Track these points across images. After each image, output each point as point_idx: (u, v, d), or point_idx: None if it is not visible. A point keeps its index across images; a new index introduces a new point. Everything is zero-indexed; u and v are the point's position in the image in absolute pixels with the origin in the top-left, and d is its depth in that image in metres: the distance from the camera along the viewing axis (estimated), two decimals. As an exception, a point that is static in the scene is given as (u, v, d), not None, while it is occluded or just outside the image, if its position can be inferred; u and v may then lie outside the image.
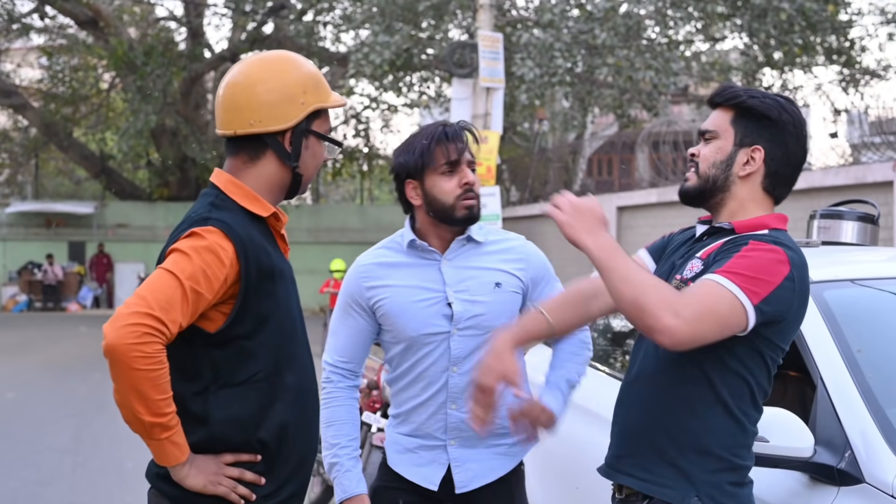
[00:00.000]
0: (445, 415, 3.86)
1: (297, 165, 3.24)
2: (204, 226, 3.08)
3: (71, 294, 35.19)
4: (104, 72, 35.88)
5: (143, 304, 2.94)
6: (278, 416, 3.16)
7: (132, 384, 2.94)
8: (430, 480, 3.89)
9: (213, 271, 3.03)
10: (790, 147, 3.25)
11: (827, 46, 23.80)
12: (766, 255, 3.03)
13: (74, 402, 14.58)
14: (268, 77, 3.22)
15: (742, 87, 3.31)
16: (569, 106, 25.52)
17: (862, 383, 3.60)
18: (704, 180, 3.29)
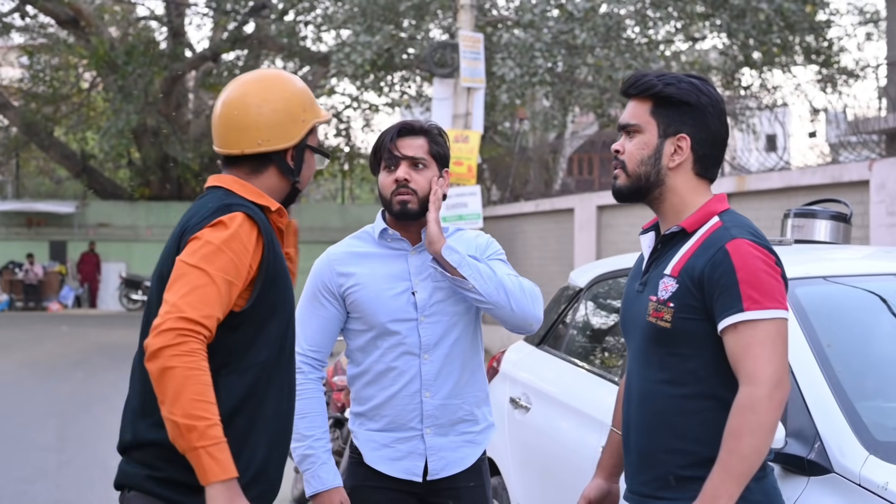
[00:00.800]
0: (420, 403, 3.94)
1: (297, 180, 3.40)
2: (229, 212, 3.17)
3: (52, 293, 35.13)
4: (85, 71, 35.86)
5: (173, 311, 3.01)
6: (273, 407, 3.24)
7: (167, 384, 2.96)
8: (411, 472, 3.96)
9: (241, 259, 3.13)
10: (713, 128, 3.27)
11: (805, 46, 23.97)
12: (756, 263, 3.08)
13: (58, 402, 14.61)
14: (271, 97, 3.35)
15: (654, 73, 3.30)
16: (549, 105, 25.62)
17: (831, 377, 3.69)
18: (636, 178, 3.29)
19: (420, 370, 3.94)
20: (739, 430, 2.99)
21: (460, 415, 4.00)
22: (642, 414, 3.29)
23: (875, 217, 12.75)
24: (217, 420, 2.98)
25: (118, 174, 41.27)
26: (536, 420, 5.59)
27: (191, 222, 3.22)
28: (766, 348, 3.02)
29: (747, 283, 3.05)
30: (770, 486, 3.22)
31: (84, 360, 19.59)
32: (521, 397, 5.74)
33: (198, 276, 3.06)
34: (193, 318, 3.00)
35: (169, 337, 2.96)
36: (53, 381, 16.71)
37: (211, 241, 3.11)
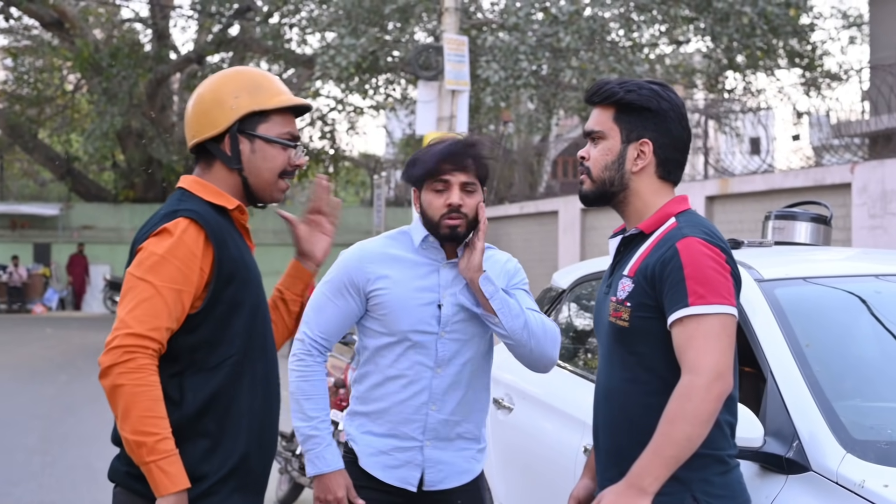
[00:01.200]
0: (426, 415, 3.93)
1: (240, 167, 3.35)
2: (173, 219, 3.20)
3: (36, 296, 35.04)
4: (69, 73, 35.81)
5: (121, 326, 3.08)
6: (247, 403, 3.26)
7: (117, 402, 3.05)
8: (407, 482, 3.96)
9: (188, 265, 3.15)
10: (674, 132, 3.36)
11: (789, 50, 24.07)
12: (704, 260, 3.16)
13: (42, 404, 14.58)
14: (206, 90, 3.40)
15: (615, 81, 3.39)
16: (534, 108, 25.67)
17: (810, 377, 3.74)
18: (600, 183, 3.39)
19: (431, 383, 3.93)
20: (674, 415, 3.08)
21: (460, 431, 4.00)
22: (608, 412, 3.39)
23: (857, 219, 12.81)
24: (167, 434, 3.06)
25: (102, 176, 41.21)
26: (519, 420, 5.62)
27: (141, 231, 3.27)
28: (709, 341, 3.10)
29: (693, 279, 3.14)
30: (734, 480, 3.28)
31: (68, 363, 19.56)
32: (504, 398, 5.77)
33: (144, 288, 3.11)
34: (140, 333, 3.06)
35: (117, 354, 3.05)
36: (37, 383, 16.67)
37: (155, 251, 3.15)
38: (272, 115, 3.38)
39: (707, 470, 3.20)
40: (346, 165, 39.57)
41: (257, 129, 3.36)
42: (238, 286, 3.25)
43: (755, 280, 4.18)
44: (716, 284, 3.14)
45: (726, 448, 3.26)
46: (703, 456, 3.17)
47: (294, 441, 8.78)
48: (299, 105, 3.44)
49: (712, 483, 3.20)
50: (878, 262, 4.93)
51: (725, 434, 3.26)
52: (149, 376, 3.05)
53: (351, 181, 41.73)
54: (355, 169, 40.86)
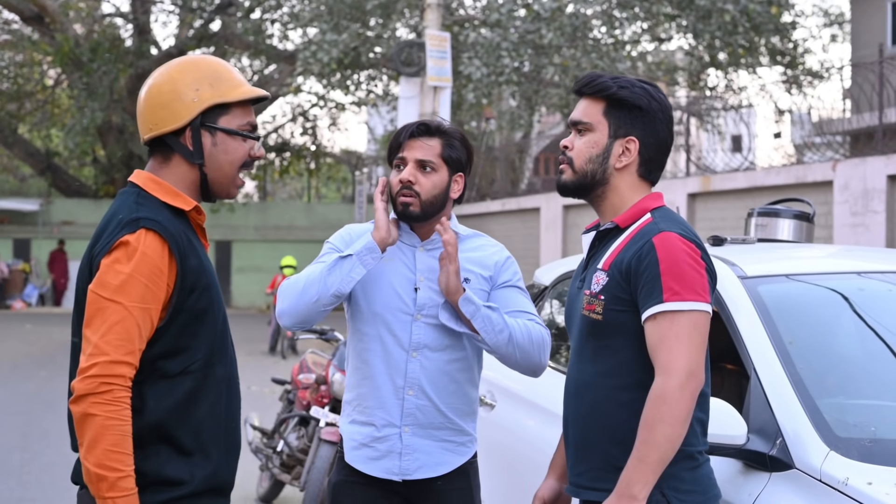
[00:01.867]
0: (402, 399, 3.91)
1: (202, 163, 3.26)
2: (135, 229, 3.10)
3: (16, 292, 34.90)
4: (50, 68, 35.65)
5: (97, 353, 3.00)
6: (209, 407, 3.20)
7: (86, 431, 2.99)
8: (390, 471, 3.93)
9: (155, 282, 3.07)
10: (661, 134, 3.37)
11: (771, 48, 24.12)
12: (680, 255, 3.16)
13: (22, 400, 14.53)
14: (162, 81, 3.27)
15: (608, 75, 3.38)
16: (516, 105, 25.68)
17: (793, 374, 3.73)
18: (582, 175, 3.39)
19: (407, 367, 3.91)
20: (652, 419, 3.09)
21: (442, 420, 3.95)
22: (578, 406, 3.39)
23: (839, 217, 12.85)
24: (130, 472, 2.99)
25: (83, 172, 41.06)
26: (501, 417, 5.60)
27: (100, 240, 3.16)
28: (682, 340, 3.11)
29: (669, 275, 3.15)
30: (703, 475, 3.28)
31: (48, 359, 19.48)
32: (487, 395, 5.75)
33: (115, 310, 3.03)
34: (117, 360, 3.00)
35: (93, 384, 2.98)
36: (17, 379, 16.61)
37: (121, 270, 3.06)
38: (232, 107, 3.28)
39: (676, 466, 3.19)
40: (328, 162, 39.52)
41: (218, 122, 3.25)
42: (199, 294, 3.18)
43: (738, 277, 4.17)
44: (691, 281, 3.14)
45: (696, 444, 3.26)
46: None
47: (274, 437, 8.76)
48: (260, 96, 3.34)
49: (682, 479, 3.21)
50: (860, 259, 4.93)
51: (695, 431, 3.26)
52: (122, 410, 2.98)
53: (332, 177, 41.66)
54: (337, 165, 40.82)
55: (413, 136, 3.93)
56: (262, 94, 3.35)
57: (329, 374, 8.08)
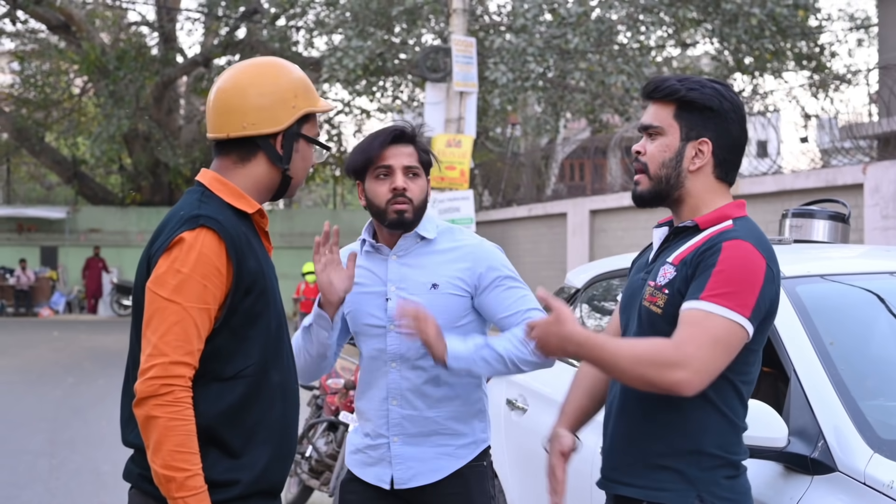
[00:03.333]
0: (387, 410, 3.91)
1: (287, 168, 3.29)
2: (194, 226, 3.10)
3: (43, 299, 35.02)
4: (76, 76, 35.78)
5: (157, 354, 3.01)
6: (263, 413, 3.19)
7: (150, 433, 3.00)
8: (380, 479, 3.95)
9: (213, 282, 3.08)
10: (734, 133, 3.29)
11: (797, 52, 23.99)
12: (741, 262, 3.07)
13: (49, 406, 14.54)
14: (260, 81, 3.27)
15: (676, 77, 3.32)
16: (541, 111, 25.63)
17: (834, 375, 3.67)
18: (657, 181, 3.31)
19: (388, 377, 3.91)
20: (641, 355, 3.01)
21: (433, 427, 3.92)
22: (625, 399, 3.31)
23: (869, 220, 12.75)
24: (197, 470, 3.01)
25: (109, 179, 41.20)
26: (533, 421, 5.55)
27: (160, 237, 3.17)
28: (708, 337, 3.00)
29: (720, 277, 3.05)
30: (741, 485, 3.21)
31: (75, 366, 19.52)
32: (518, 399, 5.70)
33: (173, 311, 3.04)
34: (176, 360, 3.00)
35: (154, 386, 2.99)
36: (45, 386, 16.63)
37: (180, 269, 3.06)
38: (312, 117, 3.35)
39: (717, 472, 3.13)
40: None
41: (303, 130, 3.32)
42: (255, 297, 3.17)
43: (776, 277, 4.11)
44: (739, 290, 3.04)
45: (738, 453, 3.20)
46: (715, 457, 3.12)
47: (302, 443, 8.73)
48: (332, 108, 3.43)
49: (720, 485, 3.14)
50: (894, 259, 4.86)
51: (741, 438, 3.20)
52: (184, 410, 3.00)
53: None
54: (362, 172, 40.83)
55: (393, 143, 3.89)
56: (334, 108, 3.42)
57: (357, 379, 8.03)
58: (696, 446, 3.13)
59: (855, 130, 16.62)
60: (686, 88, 3.27)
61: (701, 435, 3.13)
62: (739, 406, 3.18)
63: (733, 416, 3.16)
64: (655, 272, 3.29)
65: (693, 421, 3.13)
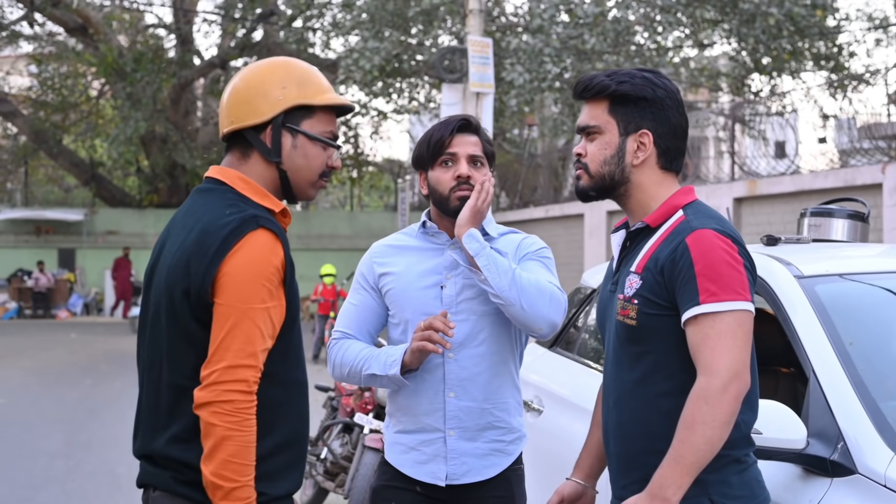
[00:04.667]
0: (444, 403, 3.83)
1: (279, 161, 3.21)
2: (255, 227, 3.05)
3: (61, 301, 35.07)
4: (94, 79, 35.84)
5: (216, 360, 2.99)
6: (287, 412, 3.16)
7: (207, 438, 2.98)
8: (436, 476, 3.86)
9: (272, 281, 3.04)
10: (673, 120, 3.25)
11: (815, 52, 23.87)
12: (714, 252, 3.04)
13: (65, 408, 14.55)
14: (249, 76, 3.25)
15: (604, 73, 3.28)
16: (558, 111, 25.57)
17: (854, 375, 3.60)
18: (599, 178, 3.27)
19: (444, 368, 3.84)
20: (692, 420, 2.97)
21: (489, 420, 3.87)
22: (618, 416, 3.27)
23: (889, 220, 12.67)
24: (246, 482, 2.99)
25: (127, 182, 41.27)
26: (549, 423, 5.51)
27: (214, 237, 3.06)
28: (724, 340, 2.99)
29: (704, 276, 3.02)
30: (752, 478, 3.16)
31: (92, 368, 19.54)
32: (534, 400, 5.66)
33: (232, 313, 3.00)
34: (236, 364, 2.97)
35: (215, 392, 2.97)
36: (61, 387, 16.64)
37: (238, 273, 3.01)
38: (317, 112, 3.25)
39: (723, 471, 3.08)
40: (370, 170, 39.53)
41: (301, 125, 3.22)
42: (290, 300, 3.15)
43: (795, 277, 4.05)
44: (728, 279, 3.02)
45: (743, 447, 3.14)
46: (719, 457, 3.05)
47: (318, 445, 8.70)
48: (344, 105, 3.31)
49: (730, 484, 3.09)
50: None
51: (743, 433, 3.14)
52: (243, 421, 2.97)
53: (375, 186, 41.71)
54: (379, 174, 40.87)
55: (459, 132, 3.90)
56: (348, 104, 3.32)
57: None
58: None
59: (873, 130, 16.54)
60: (616, 82, 3.23)
61: None
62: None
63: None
64: (622, 283, 3.25)
65: None
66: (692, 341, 3.03)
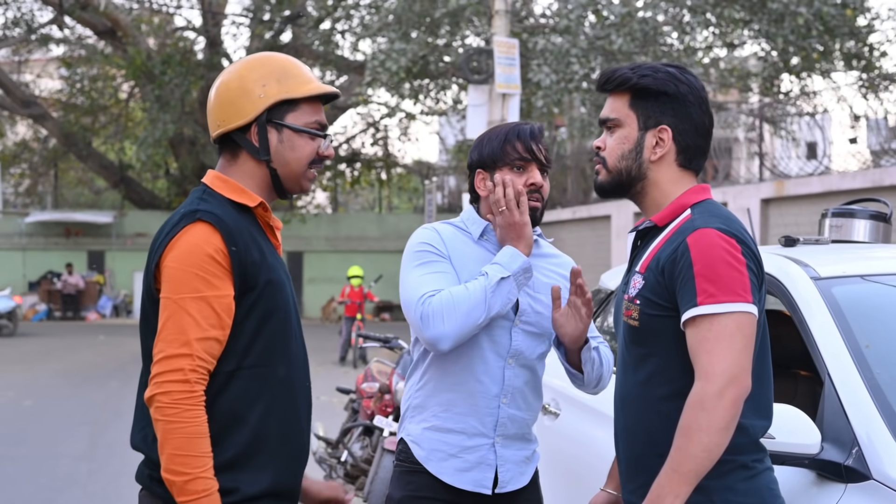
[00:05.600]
0: (497, 409, 3.73)
1: (268, 159, 3.20)
2: (191, 220, 3.05)
3: (90, 303, 35.27)
4: (123, 82, 36.04)
5: (156, 353, 2.97)
6: (268, 410, 3.10)
7: (157, 433, 2.96)
8: (480, 484, 3.74)
9: (208, 269, 3.00)
10: (695, 117, 3.17)
11: (846, 52, 23.68)
12: (714, 251, 2.96)
13: (91, 410, 14.58)
14: (230, 78, 3.24)
15: (628, 66, 3.22)
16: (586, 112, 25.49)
17: (870, 379, 3.52)
18: (617, 173, 3.21)
19: (504, 374, 3.73)
20: (689, 427, 2.89)
21: (524, 431, 3.83)
22: (625, 420, 3.22)
23: (917, 221, 12.53)
24: (198, 473, 2.94)
25: (156, 184, 41.45)
26: (566, 426, 5.45)
27: (160, 235, 3.12)
28: (722, 343, 2.90)
29: (703, 277, 2.94)
30: (762, 485, 3.07)
31: (119, 369, 19.60)
32: (551, 403, 5.60)
33: (165, 306, 3.00)
34: (171, 354, 2.95)
35: (154, 388, 2.95)
36: (88, 389, 16.70)
37: (170, 265, 3.02)
38: (301, 104, 3.23)
39: (728, 477, 3.00)
40: (399, 172, 39.55)
41: (285, 119, 3.20)
42: (259, 291, 3.09)
43: (811, 278, 3.97)
44: (728, 280, 2.92)
45: (751, 452, 3.05)
46: (723, 462, 2.96)
47: (338, 447, 8.66)
48: (328, 93, 3.28)
49: (736, 490, 3.00)
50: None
51: (751, 438, 3.05)
52: (184, 412, 2.92)
53: (404, 188, 41.73)
54: (408, 175, 40.88)
55: (532, 138, 3.74)
56: (331, 91, 3.28)
57: (392, 382, 7.97)
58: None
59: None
60: (638, 75, 3.17)
61: None
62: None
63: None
64: (629, 283, 3.21)
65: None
66: (690, 343, 2.96)
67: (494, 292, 3.55)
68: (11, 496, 9.39)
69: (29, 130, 39.70)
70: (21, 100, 34.47)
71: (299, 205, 36.03)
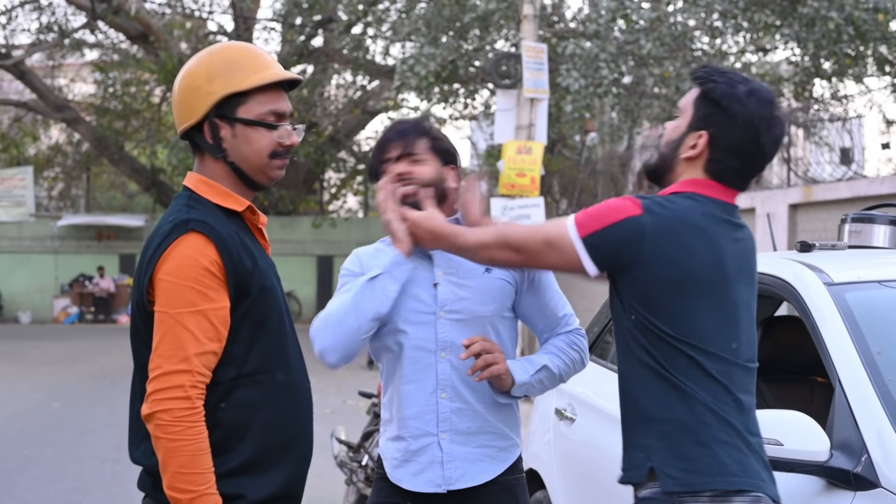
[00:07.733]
0: (436, 404, 3.72)
1: (223, 156, 3.15)
2: (184, 231, 3.01)
3: (122, 306, 35.41)
4: (155, 86, 36.18)
5: (153, 369, 2.95)
6: (269, 415, 3.09)
7: (158, 453, 2.95)
8: (435, 484, 3.74)
9: (203, 283, 2.98)
10: (735, 139, 3.18)
11: (878, 56, 23.53)
12: (617, 201, 3.13)
13: (118, 413, 14.61)
14: (182, 76, 3.20)
15: (717, 67, 3.26)
16: (616, 117, 25.43)
17: (881, 385, 3.50)
18: (661, 158, 3.30)
19: (437, 368, 3.72)
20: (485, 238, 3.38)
21: (481, 424, 3.76)
22: (625, 404, 3.30)
23: (946, 227, 12.43)
24: (203, 490, 2.92)
25: (187, 188, 41.59)
26: (582, 431, 5.42)
27: (150, 246, 3.08)
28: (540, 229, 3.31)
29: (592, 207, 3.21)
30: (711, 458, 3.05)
31: (148, 373, 19.64)
32: (567, 408, 5.58)
33: (161, 321, 2.98)
34: (170, 370, 2.93)
35: (152, 404, 2.93)
36: (116, 392, 16.75)
37: (164, 278, 2.98)
38: (252, 95, 3.14)
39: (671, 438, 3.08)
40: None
41: (237, 112, 3.13)
42: (254, 298, 3.08)
43: (825, 283, 3.94)
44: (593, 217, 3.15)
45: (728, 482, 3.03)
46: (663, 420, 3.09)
47: (360, 451, 8.65)
48: (285, 79, 3.20)
49: (680, 454, 3.05)
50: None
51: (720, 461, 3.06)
52: (186, 429, 2.91)
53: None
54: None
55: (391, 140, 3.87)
56: (288, 77, 3.21)
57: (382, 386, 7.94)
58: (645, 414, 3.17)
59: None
60: (705, 78, 3.23)
61: (645, 400, 3.14)
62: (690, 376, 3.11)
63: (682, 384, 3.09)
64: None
65: (643, 390, 3.14)
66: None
67: (364, 293, 3.61)
68: (36, 498, 9.44)
69: (62, 134, 39.89)
70: (55, 104, 34.70)
71: (330, 209, 36.04)
